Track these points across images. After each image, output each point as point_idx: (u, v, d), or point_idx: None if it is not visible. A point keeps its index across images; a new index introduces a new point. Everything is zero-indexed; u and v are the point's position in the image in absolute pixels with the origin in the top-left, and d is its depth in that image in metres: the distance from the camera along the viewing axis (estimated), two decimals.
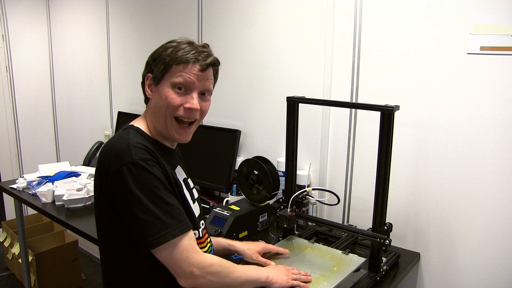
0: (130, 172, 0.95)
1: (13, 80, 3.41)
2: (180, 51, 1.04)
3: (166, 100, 1.04)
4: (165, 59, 1.04)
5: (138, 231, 0.96)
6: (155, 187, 0.96)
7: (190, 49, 1.06)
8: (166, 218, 0.96)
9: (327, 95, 1.81)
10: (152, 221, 0.95)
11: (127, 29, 2.77)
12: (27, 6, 3.39)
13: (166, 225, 0.95)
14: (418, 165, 1.60)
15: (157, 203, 0.96)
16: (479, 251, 1.49)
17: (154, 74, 1.06)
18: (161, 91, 1.05)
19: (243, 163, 1.80)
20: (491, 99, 1.41)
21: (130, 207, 0.96)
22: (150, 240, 0.95)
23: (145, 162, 0.97)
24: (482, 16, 1.39)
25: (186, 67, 1.04)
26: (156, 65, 1.06)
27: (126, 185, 0.95)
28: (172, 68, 1.04)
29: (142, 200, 0.95)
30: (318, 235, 1.72)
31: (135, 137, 1.03)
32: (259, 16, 2.02)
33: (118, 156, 0.97)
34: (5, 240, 3.09)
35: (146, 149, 1.00)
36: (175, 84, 1.04)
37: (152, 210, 0.95)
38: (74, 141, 3.47)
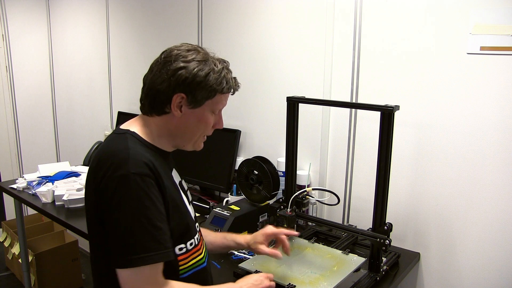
0: (123, 185, 0.92)
1: (13, 80, 3.41)
2: (223, 79, 1.05)
3: (205, 125, 1.07)
4: (212, 86, 1.03)
5: (113, 245, 0.93)
6: (144, 207, 0.92)
7: (230, 76, 1.08)
8: (147, 241, 0.92)
9: (327, 95, 1.81)
10: (130, 241, 0.91)
11: (127, 29, 2.77)
12: (27, 6, 3.39)
13: (143, 249, 0.91)
14: (418, 165, 1.60)
15: (142, 224, 0.92)
16: (479, 251, 1.50)
17: (194, 98, 1.02)
18: (201, 115, 1.05)
19: (243, 163, 1.80)
20: (491, 99, 1.41)
21: (112, 219, 0.93)
22: (121, 259, 0.91)
23: (141, 178, 0.93)
24: (482, 16, 1.39)
25: (227, 96, 1.09)
26: (198, 90, 1.02)
27: (116, 196, 0.92)
28: (216, 96, 1.06)
29: (127, 216, 0.92)
30: (318, 235, 1.72)
31: (134, 146, 1.00)
32: (259, 16, 2.02)
33: (115, 165, 0.94)
34: (5, 240, 3.09)
35: (146, 162, 0.96)
36: (216, 111, 1.08)
37: (135, 230, 0.91)
38: (74, 141, 3.47)
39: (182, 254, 1.04)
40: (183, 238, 1.04)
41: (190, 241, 1.06)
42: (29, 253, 2.71)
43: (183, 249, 1.04)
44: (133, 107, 2.79)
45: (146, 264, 0.92)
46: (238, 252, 1.57)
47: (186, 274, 1.05)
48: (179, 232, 1.03)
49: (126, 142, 1.00)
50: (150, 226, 0.93)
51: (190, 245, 1.06)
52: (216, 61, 1.06)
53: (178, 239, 1.03)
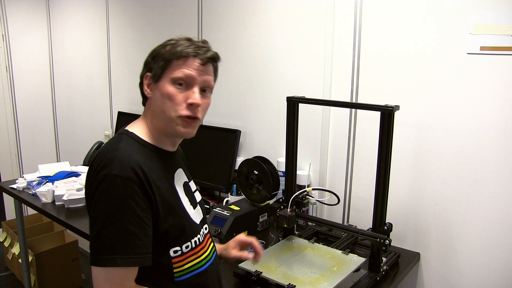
0: (103, 185, 0.92)
1: (13, 80, 3.41)
2: (179, 46, 1.02)
3: (168, 97, 1.00)
4: (164, 55, 1.02)
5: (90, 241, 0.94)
6: (120, 210, 0.92)
7: (190, 44, 1.03)
8: (116, 244, 0.91)
9: (327, 95, 1.81)
10: (101, 240, 0.92)
11: (127, 29, 2.77)
12: (27, 6, 3.39)
13: (111, 251, 0.91)
14: (418, 165, 1.60)
15: (114, 226, 0.91)
16: (479, 251, 1.50)
17: (154, 72, 1.03)
18: (161, 88, 1.01)
19: (243, 163, 1.80)
20: (491, 99, 1.41)
21: (90, 217, 0.95)
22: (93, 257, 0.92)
23: (121, 181, 0.92)
24: (482, 16, 1.39)
25: (186, 62, 1.01)
26: (155, 62, 1.03)
27: (95, 196, 0.93)
28: (172, 64, 1.01)
29: (101, 216, 0.92)
30: (318, 235, 1.72)
31: (125, 146, 0.99)
32: (259, 16, 2.02)
33: (101, 166, 0.94)
34: (5, 240, 3.09)
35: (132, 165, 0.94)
36: (176, 80, 1.01)
37: (107, 230, 0.91)
38: (74, 141, 3.47)
39: (176, 257, 1.02)
40: (178, 240, 1.02)
41: (186, 244, 1.04)
42: (29, 253, 2.71)
43: (178, 252, 1.02)
44: (133, 107, 2.79)
45: (112, 266, 0.91)
46: None
47: (182, 277, 1.03)
48: (174, 235, 1.01)
49: (118, 143, 1.00)
50: (122, 229, 0.91)
51: (186, 248, 1.04)
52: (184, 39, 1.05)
53: (172, 241, 1.01)
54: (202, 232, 1.12)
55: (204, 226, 1.15)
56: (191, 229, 1.07)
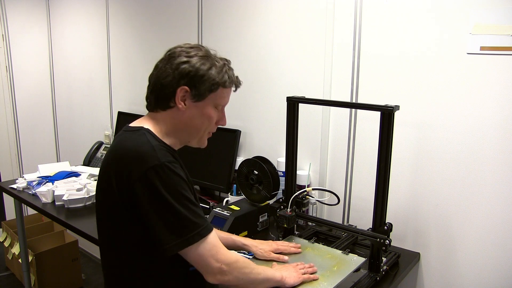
0: (158, 175, 0.97)
1: (13, 80, 3.41)
2: (225, 74, 1.10)
3: (209, 120, 1.11)
4: (214, 79, 1.07)
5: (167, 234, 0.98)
6: (183, 189, 0.99)
7: (231, 71, 1.12)
8: (195, 218, 0.99)
9: (327, 95, 1.81)
10: (182, 223, 0.98)
11: (127, 29, 2.77)
12: (27, 6, 3.39)
13: (195, 226, 0.99)
14: (418, 165, 1.60)
15: (186, 205, 0.99)
16: (479, 251, 1.49)
17: (197, 91, 1.07)
18: (204, 110, 1.09)
19: (243, 163, 1.80)
20: (491, 99, 1.41)
21: (158, 210, 0.97)
22: (179, 242, 0.97)
23: (171, 165, 0.99)
24: (482, 16, 1.39)
25: (229, 90, 1.13)
26: (201, 83, 1.06)
27: (155, 188, 0.97)
28: (219, 90, 1.09)
29: (172, 203, 0.97)
30: (318, 235, 1.72)
31: (154, 141, 1.05)
32: (259, 16, 2.02)
33: (142, 158, 0.98)
34: (5, 240, 3.09)
35: (169, 152, 1.04)
36: (219, 105, 1.12)
37: (182, 213, 0.98)
38: (74, 141, 3.47)
39: None
40: None
41: None
42: (29, 253, 2.71)
43: None
44: (133, 107, 2.79)
45: (202, 238, 0.99)
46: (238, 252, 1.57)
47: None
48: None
49: (145, 137, 1.05)
50: (192, 205, 1.00)
51: None
52: (218, 58, 1.11)
53: None
54: None
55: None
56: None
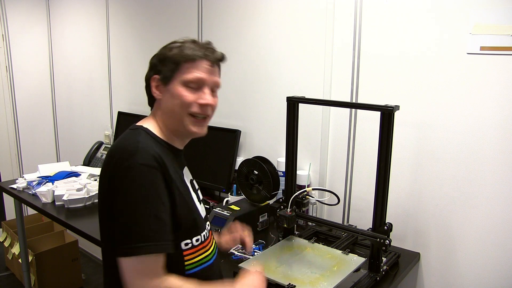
0: (130, 174, 0.94)
1: (13, 80, 3.41)
2: (187, 49, 1.05)
3: (180, 99, 1.04)
4: (173, 58, 1.05)
5: (117, 234, 0.94)
6: (149, 197, 0.94)
7: (196, 46, 1.07)
8: (148, 231, 0.93)
9: (327, 95, 1.81)
10: (132, 230, 0.92)
11: (127, 29, 2.77)
12: (27, 6, 3.39)
13: (144, 239, 0.92)
14: (418, 165, 1.60)
15: (145, 214, 0.93)
16: (479, 251, 1.50)
17: (163, 75, 1.06)
18: (173, 90, 1.05)
19: (243, 163, 1.80)
20: (491, 99, 1.42)
21: (117, 207, 0.94)
22: (124, 248, 0.92)
23: (148, 168, 0.95)
24: (482, 16, 1.39)
25: (196, 64, 1.05)
26: (164, 65, 1.06)
27: (123, 186, 0.94)
28: (182, 66, 1.04)
29: (131, 205, 0.93)
30: (318, 235, 1.72)
31: (147, 140, 1.02)
32: (259, 16, 2.02)
33: (124, 157, 0.96)
34: (5, 240, 3.09)
35: (154, 155, 0.98)
36: (187, 82, 1.04)
37: (137, 219, 0.92)
38: (74, 141, 3.47)
39: (188, 249, 1.05)
40: (189, 233, 1.05)
41: (196, 237, 1.07)
42: (29, 253, 2.71)
43: (189, 245, 1.05)
44: (133, 107, 2.79)
45: (145, 253, 0.92)
46: (238, 252, 1.57)
47: (192, 270, 1.06)
48: (186, 227, 1.04)
49: (138, 136, 1.03)
50: (153, 216, 0.94)
51: (196, 241, 1.07)
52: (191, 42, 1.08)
53: (184, 234, 1.04)
54: (207, 227, 1.16)
55: (207, 222, 1.19)
56: (201, 223, 1.11)
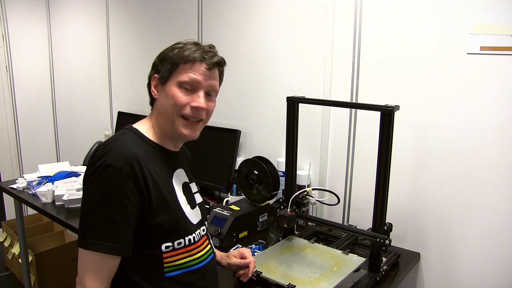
0: (96, 173, 0.96)
1: (13, 80, 3.41)
2: (187, 50, 1.05)
3: (173, 99, 1.04)
4: (172, 58, 1.05)
5: (79, 225, 0.99)
6: (107, 198, 0.95)
7: (197, 48, 1.06)
8: (101, 230, 0.95)
9: (327, 95, 1.81)
10: (87, 225, 0.96)
11: (127, 29, 2.77)
12: (27, 6, 3.39)
13: (95, 236, 0.95)
14: (418, 165, 1.60)
15: (99, 212, 0.96)
16: (479, 251, 1.50)
17: (161, 74, 1.07)
18: (168, 90, 1.05)
19: (243, 163, 1.80)
20: (491, 99, 1.41)
21: (82, 201, 0.99)
22: (79, 238, 0.97)
23: (114, 169, 0.95)
24: (482, 16, 1.39)
25: (193, 66, 1.04)
26: (163, 65, 1.07)
27: (87, 182, 0.98)
28: (179, 67, 1.04)
29: (90, 202, 0.97)
30: (318, 235, 1.72)
31: (126, 140, 1.03)
32: (259, 16, 2.02)
33: (97, 156, 0.99)
34: (5, 240, 3.09)
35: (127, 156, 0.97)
36: (182, 83, 1.04)
37: (93, 217, 0.96)
38: (74, 141, 3.47)
39: (168, 252, 1.04)
40: (170, 236, 1.04)
41: (178, 240, 1.05)
42: (29, 253, 2.71)
43: (169, 247, 1.04)
44: (133, 107, 2.79)
45: (91, 249, 0.95)
46: None
47: (172, 273, 1.05)
48: (167, 229, 1.03)
49: (119, 136, 1.04)
50: (107, 217, 0.95)
51: (178, 245, 1.05)
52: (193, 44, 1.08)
53: (165, 236, 1.03)
54: (198, 233, 1.13)
55: (202, 228, 1.16)
56: (185, 227, 1.08)
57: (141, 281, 1.02)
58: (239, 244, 1.64)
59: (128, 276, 1.01)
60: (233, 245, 1.63)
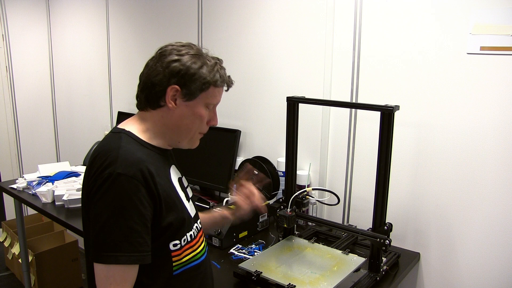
0: (107, 183, 0.93)
1: (13, 80, 3.41)
2: (217, 73, 1.07)
3: (201, 119, 1.08)
4: (205, 79, 1.05)
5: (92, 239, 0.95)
6: (123, 207, 0.93)
7: (223, 71, 1.10)
8: (120, 242, 0.93)
9: (327, 95, 1.81)
10: (105, 238, 0.93)
11: (127, 29, 2.77)
12: (27, 6, 3.39)
13: (115, 248, 0.92)
14: (418, 165, 1.60)
15: (118, 223, 0.93)
16: (479, 251, 1.50)
17: (187, 90, 1.04)
18: (195, 109, 1.06)
19: (243, 163, 1.80)
20: (491, 99, 1.42)
21: (94, 214, 0.95)
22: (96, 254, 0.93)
23: (126, 179, 0.93)
24: (482, 16, 1.39)
25: (220, 90, 1.10)
26: (192, 82, 1.04)
27: (99, 193, 0.94)
28: (210, 89, 1.06)
29: (105, 214, 0.93)
30: (318, 235, 1.72)
31: (128, 145, 1.01)
32: (259, 16, 2.02)
33: (104, 164, 0.96)
34: (5, 240, 3.09)
35: (135, 162, 0.97)
36: (209, 105, 1.09)
37: (111, 228, 0.93)
38: (74, 141, 3.47)
39: (176, 250, 1.04)
40: (177, 234, 1.05)
41: (183, 237, 1.06)
42: (29, 253, 2.71)
43: (177, 245, 1.05)
44: (133, 107, 2.77)
45: (114, 263, 0.93)
46: (238, 252, 1.57)
47: (180, 270, 1.06)
48: (175, 228, 1.04)
49: (119, 141, 1.02)
50: (126, 227, 0.93)
51: (183, 241, 1.06)
52: (209, 57, 1.09)
53: (173, 235, 1.04)
54: (196, 226, 1.14)
55: (198, 221, 1.18)
56: (189, 223, 1.10)
57: (150, 282, 1.02)
58: (239, 244, 1.64)
59: (138, 279, 1.00)
60: (233, 245, 1.63)
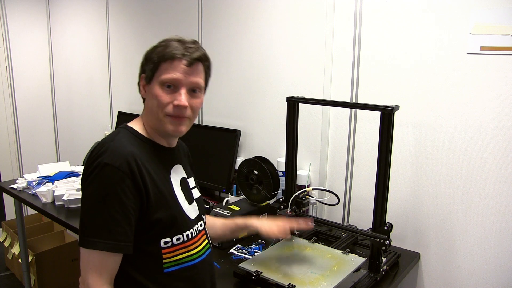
0: (94, 172, 0.97)
1: (13, 80, 3.41)
2: (168, 48, 1.06)
3: (157, 99, 1.05)
4: (154, 57, 1.06)
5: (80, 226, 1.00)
6: (106, 196, 0.96)
7: (178, 45, 1.07)
8: (101, 229, 0.96)
9: (327, 95, 1.81)
10: (87, 224, 0.97)
11: (127, 29, 2.77)
12: (27, 6, 3.39)
13: (96, 234, 0.96)
14: (418, 165, 1.60)
15: (99, 211, 0.96)
16: (479, 251, 1.50)
17: (146, 74, 1.08)
18: (152, 90, 1.06)
19: (243, 163, 1.80)
20: (491, 99, 1.42)
21: (81, 202, 1.00)
22: (80, 238, 0.98)
23: (111, 168, 0.96)
24: (482, 16, 1.39)
25: (173, 64, 1.04)
26: (147, 65, 1.08)
27: (86, 181, 0.99)
28: (160, 66, 1.05)
29: (89, 201, 0.98)
30: (318, 235, 1.72)
31: (121, 139, 1.04)
32: (259, 16, 2.02)
33: (94, 155, 1.00)
34: (5, 240, 3.09)
35: (124, 154, 0.98)
36: (163, 82, 1.05)
37: (93, 215, 0.97)
38: (74, 141, 3.47)
39: (166, 247, 1.05)
40: (169, 232, 1.05)
41: (177, 236, 1.06)
42: (29, 253, 2.71)
43: (168, 243, 1.05)
44: (133, 107, 2.79)
45: (92, 248, 0.96)
46: (238, 252, 1.57)
47: (171, 269, 1.06)
48: (165, 225, 1.04)
49: (115, 135, 1.06)
50: (106, 215, 0.96)
51: (176, 240, 1.06)
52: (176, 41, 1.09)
53: (163, 232, 1.04)
54: (196, 228, 1.14)
55: (200, 222, 1.17)
56: (184, 223, 1.09)
57: (141, 278, 1.03)
58: (239, 244, 1.64)
59: (128, 273, 1.02)
60: (233, 245, 1.63)
